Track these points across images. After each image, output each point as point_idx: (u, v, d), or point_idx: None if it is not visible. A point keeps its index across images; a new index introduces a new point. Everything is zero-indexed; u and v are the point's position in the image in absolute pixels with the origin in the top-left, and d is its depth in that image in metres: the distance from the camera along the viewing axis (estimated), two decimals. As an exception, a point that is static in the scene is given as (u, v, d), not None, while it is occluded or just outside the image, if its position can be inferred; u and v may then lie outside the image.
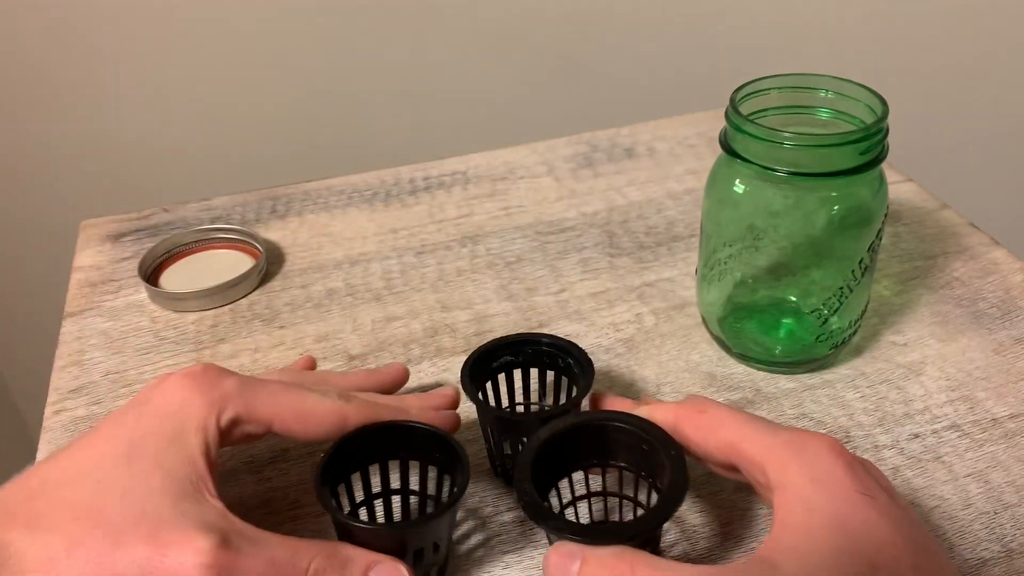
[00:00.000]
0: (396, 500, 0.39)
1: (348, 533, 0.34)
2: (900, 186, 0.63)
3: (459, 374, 0.40)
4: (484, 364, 0.41)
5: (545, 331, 0.50)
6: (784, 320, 0.49)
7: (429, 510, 0.38)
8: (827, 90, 0.45)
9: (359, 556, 0.33)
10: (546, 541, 0.39)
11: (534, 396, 0.44)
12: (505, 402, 0.43)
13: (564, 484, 0.37)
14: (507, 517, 0.40)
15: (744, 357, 0.48)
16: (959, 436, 0.43)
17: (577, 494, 0.38)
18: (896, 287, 0.53)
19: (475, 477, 0.42)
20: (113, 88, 0.95)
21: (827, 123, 0.45)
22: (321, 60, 0.96)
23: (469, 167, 0.68)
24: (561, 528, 0.31)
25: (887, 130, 0.41)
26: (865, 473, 0.30)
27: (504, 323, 0.52)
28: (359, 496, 0.38)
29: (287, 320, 0.53)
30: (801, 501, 0.29)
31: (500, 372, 0.42)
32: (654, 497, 0.34)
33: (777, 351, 0.48)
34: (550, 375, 0.42)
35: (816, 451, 0.30)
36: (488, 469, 0.42)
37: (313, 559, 0.32)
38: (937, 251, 0.56)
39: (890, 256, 0.56)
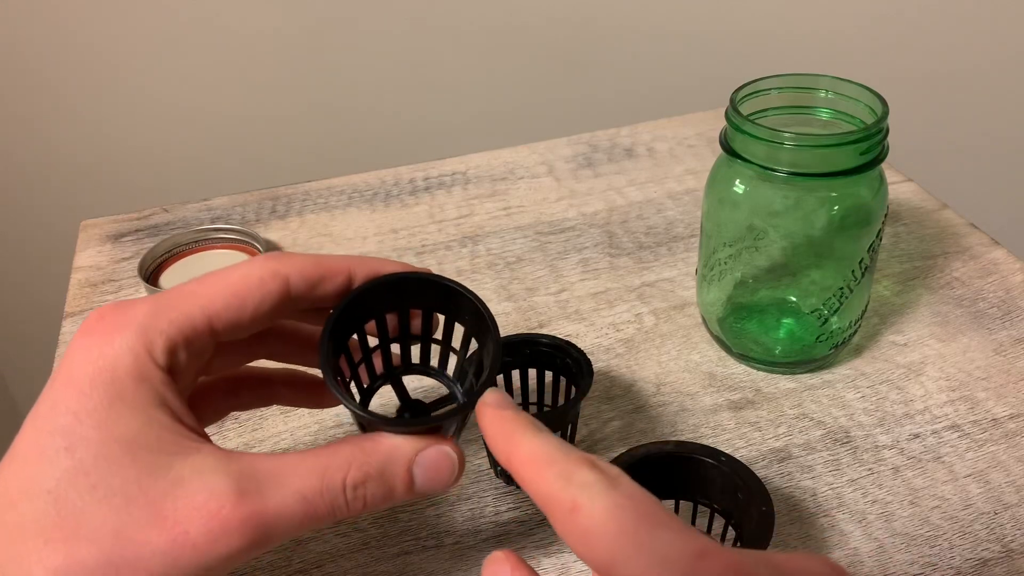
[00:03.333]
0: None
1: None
2: (900, 186, 0.63)
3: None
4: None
5: (545, 331, 0.50)
6: (784, 320, 0.49)
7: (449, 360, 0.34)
8: (827, 90, 0.45)
9: (397, 452, 0.28)
10: (548, 542, 0.39)
11: (533, 396, 0.44)
12: (505, 402, 0.43)
13: None
14: (507, 517, 0.40)
15: (744, 357, 0.48)
16: (959, 436, 0.43)
17: None
18: (896, 287, 0.53)
19: (475, 477, 0.42)
20: (113, 88, 0.95)
21: (827, 123, 0.45)
22: (321, 60, 0.96)
23: (469, 167, 0.68)
24: None
25: (887, 130, 0.41)
26: None
27: (504, 323, 0.52)
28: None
29: (287, 320, 0.53)
30: None
31: (499, 373, 0.42)
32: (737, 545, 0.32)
33: (777, 351, 0.48)
34: (549, 375, 0.42)
35: None
36: (488, 469, 0.42)
37: (348, 472, 0.27)
38: (937, 251, 0.56)
39: (890, 256, 0.56)
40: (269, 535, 0.26)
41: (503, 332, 0.50)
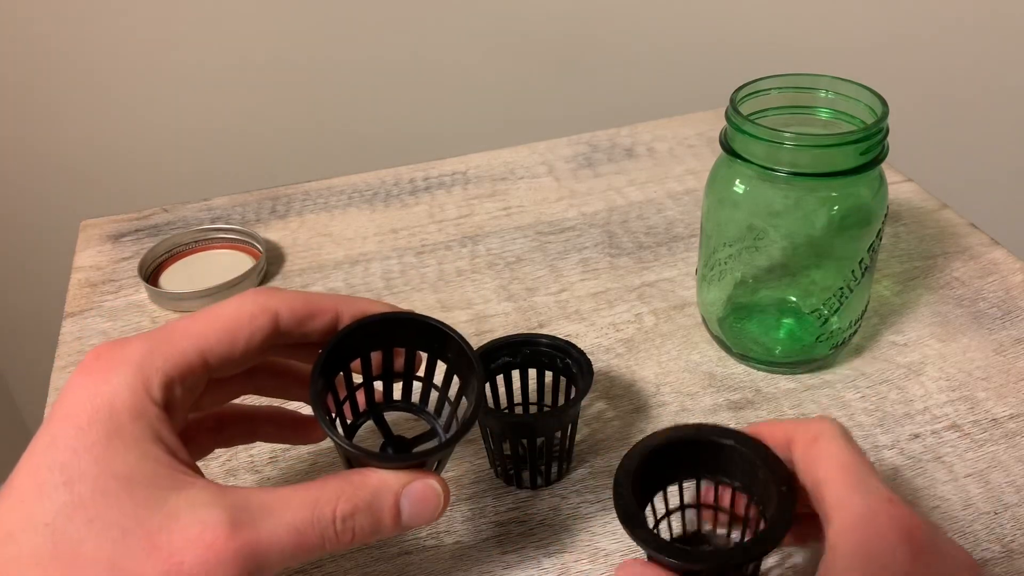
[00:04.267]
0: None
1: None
2: (900, 186, 0.63)
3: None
4: (483, 365, 0.41)
5: (545, 331, 0.50)
6: (784, 320, 0.49)
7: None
8: (827, 90, 0.45)
9: (385, 485, 0.29)
10: (548, 542, 0.39)
11: (533, 396, 0.44)
12: (504, 403, 0.43)
13: (671, 491, 0.35)
14: (507, 517, 0.40)
15: (744, 357, 0.48)
16: (959, 436, 0.43)
17: (676, 505, 0.36)
18: (896, 287, 0.53)
19: (475, 477, 0.42)
20: (113, 88, 0.94)
21: (827, 123, 0.45)
22: (321, 60, 0.96)
23: (469, 167, 0.68)
24: (648, 541, 0.30)
25: (887, 130, 0.41)
26: (933, 558, 0.28)
27: (504, 323, 0.52)
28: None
29: (287, 320, 0.53)
30: (844, 570, 0.27)
31: (499, 373, 0.42)
32: (761, 525, 0.32)
33: (777, 351, 0.47)
34: (549, 375, 0.42)
35: (889, 526, 0.28)
36: (488, 469, 0.42)
37: (338, 505, 0.28)
38: (937, 251, 0.56)
39: (890, 256, 0.56)
40: (261, 566, 0.27)
41: (503, 332, 0.50)
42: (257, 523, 0.27)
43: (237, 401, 0.35)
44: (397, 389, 0.35)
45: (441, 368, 0.34)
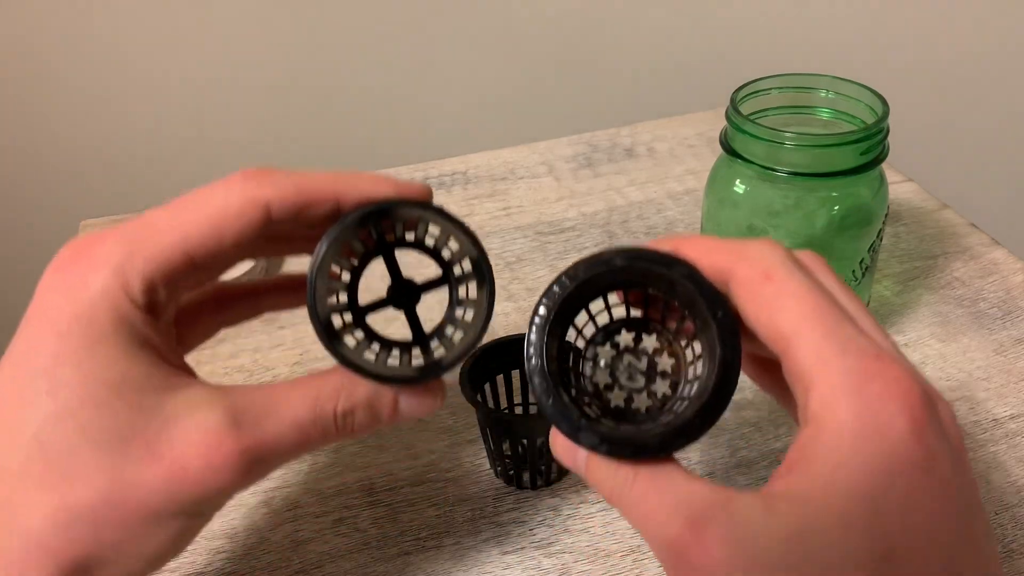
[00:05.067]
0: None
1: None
2: (900, 186, 0.63)
3: (458, 375, 0.39)
4: (483, 365, 0.41)
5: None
6: (784, 320, 0.49)
7: None
8: (827, 90, 0.45)
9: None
10: (548, 542, 0.39)
11: (533, 397, 0.44)
12: (504, 403, 0.43)
13: (591, 314, 0.29)
14: (507, 517, 0.40)
15: (744, 357, 0.48)
16: (960, 437, 0.43)
17: (604, 322, 0.30)
18: (896, 287, 0.53)
19: (475, 478, 0.42)
20: (113, 88, 0.94)
21: (827, 123, 0.45)
22: (321, 60, 0.96)
23: (469, 167, 0.68)
24: (580, 430, 0.26)
25: (887, 130, 0.41)
26: (934, 436, 0.23)
27: (504, 323, 0.52)
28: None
29: (287, 320, 0.53)
30: (833, 450, 0.22)
31: (499, 373, 0.42)
32: (698, 355, 0.27)
33: (777, 351, 0.47)
34: (550, 375, 0.42)
35: (882, 394, 0.23)
36: (488, 470, 0.42)
37: (338, 402, 0.28)
38: (937, 251, 0.56)
39: (890, 256, 0.56)
40: (267, 464, 0.26)
41: (503, 332, 0.50)
42: (259, 422, 0.26)
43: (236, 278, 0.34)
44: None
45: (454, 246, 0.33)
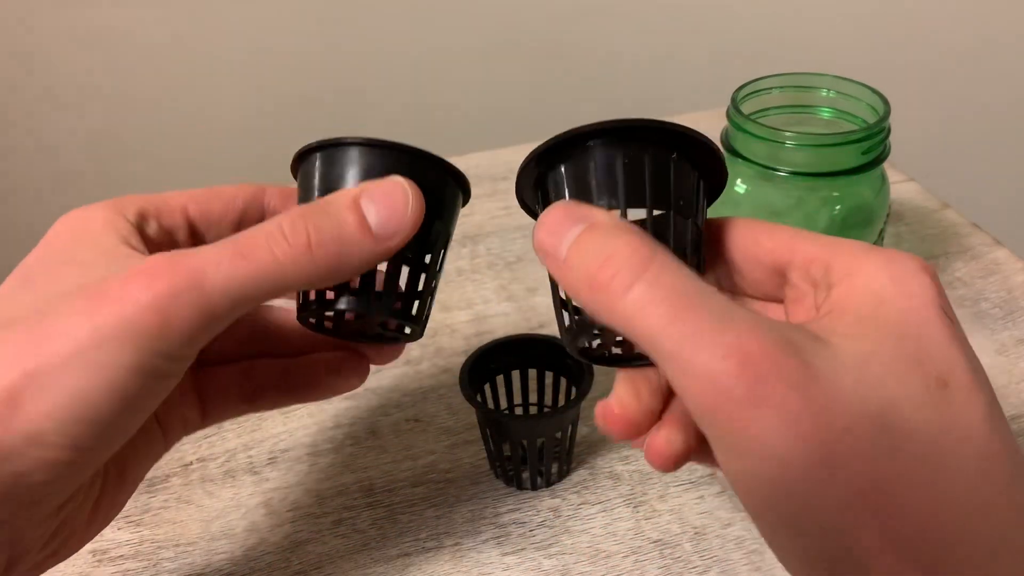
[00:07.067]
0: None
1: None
2: (902, 186, 0.63)
3: (458, 375, 0.39)
4: (483, 366, 0.41)
5: (545, 331, 0.49)
6: (785, 320, 0.49)
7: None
8: (829, 89, 0.44)
9: (339, 192, 0.27)
10: (548, 543, 0.39)
11: (533, 396, 0.44)
12: (504, 404, 0.43)
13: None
14: (507, 518, 0.40)
15: (745, 358, 0.48)
16: (961, 437, 0.43)
17: None
18: (898, 287, 0.53)
19: (475, 478, 0.42)
20: (113, 88, 0.94)
21: (829, 122, 0.45)
22: (321, 60, 0.96)
23: (469, 167, 0.68)
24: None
25: (889, 130, 0.41)
26: (948, 302, 0.24)
27: (504, 323, 0.52)
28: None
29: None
30: (871, 293, 0.23)
31: (499, 373, 0.42)
32: None
33: (778, 352, 0.47)
34: (549, 375, 0.42)
35: (900, 257, 0.23)
36: (488, 470, 0.42)
37: (284, 218, 0.25)
38: (939, 251, 0.56)
39: (892, 256, 0.56)
40: (207, 293, 0.24)
41: (503, 332, 0.50)
42: (198, 252, 0.24)
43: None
44: None
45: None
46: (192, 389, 0.32)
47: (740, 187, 0.43)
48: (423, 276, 0.30)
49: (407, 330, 0.31)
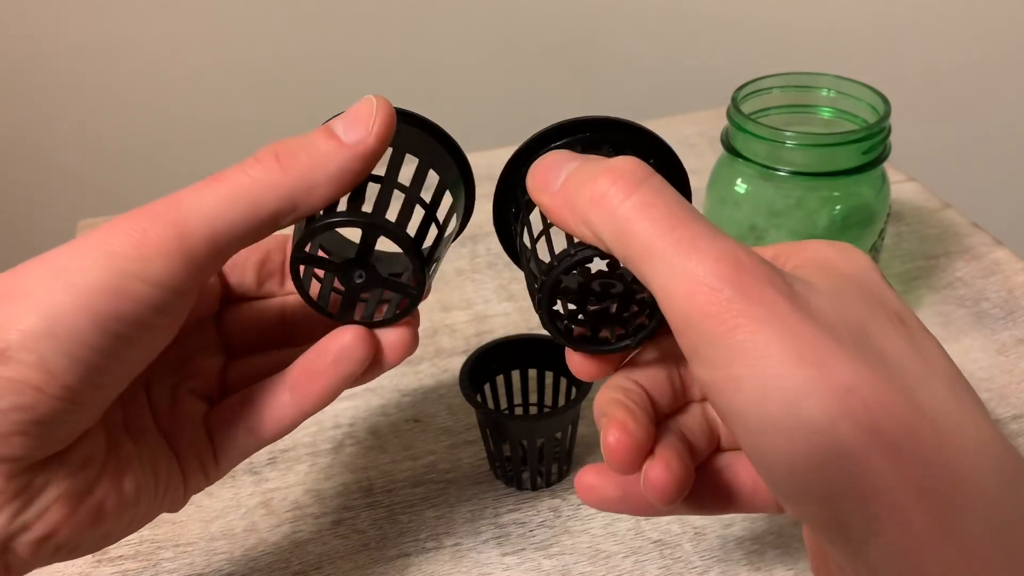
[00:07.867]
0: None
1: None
2: (902, 186, 0.62)
3: (458, 375, 0.39)
4: (483, 366, 0.41)
5: (545, 332, 0.49)
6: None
7: None
8: (829, 89, 0.44)
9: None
10: (548, 543, 0.39)
11: (533, 396, 0.44)
12: (504, 404, 0.43)
13: None
14: (507, 518, 0.40)
15: (745, 358, 0.48)
16: (962, 437, 0.43)
17: None
18: (898, 287, 0.53)
19: (475, 478, 0.42)
20: (113, 88, 0.94)
21: (829, 122, 0.45)
22: (322, 60, 0.96)
23: (469, 167, 0.68)
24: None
25: (889, 129, 0.41)
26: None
27: (504, 323, 0.52)
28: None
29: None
30: (821, 258, 0.25)
31: (499, 373, 0.42)
32: None
33: (779, 352, 0.47)
34: (549, 375, 0.42)
35: (840, 242, 0.26)
36: (488, 471, 0.42)
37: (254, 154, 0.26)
38: (939, 251, 0.56)
39: (892, 256, 0.56)
40: (183, 213, 0.24)
41: (503, 332, 0.50)
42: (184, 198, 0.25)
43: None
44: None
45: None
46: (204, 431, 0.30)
47: (740, 187, 0.43)
48: (424, 213, 0.29)
49: (411, 286, 0.28)
